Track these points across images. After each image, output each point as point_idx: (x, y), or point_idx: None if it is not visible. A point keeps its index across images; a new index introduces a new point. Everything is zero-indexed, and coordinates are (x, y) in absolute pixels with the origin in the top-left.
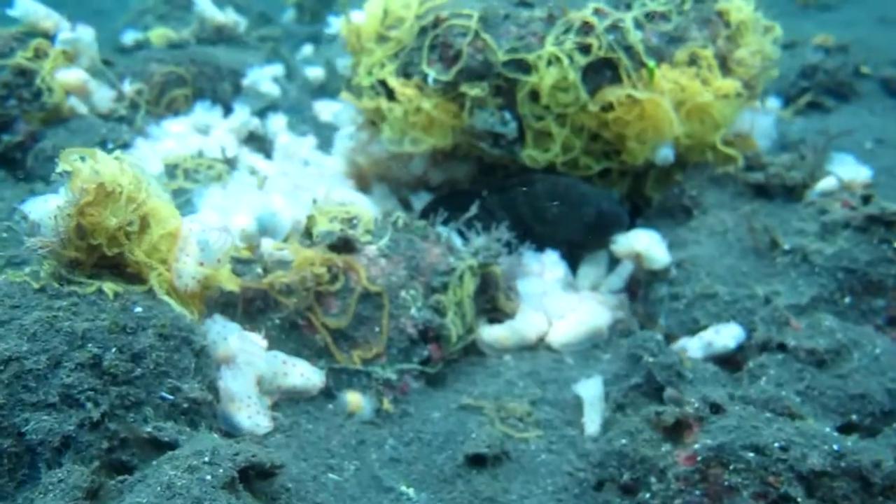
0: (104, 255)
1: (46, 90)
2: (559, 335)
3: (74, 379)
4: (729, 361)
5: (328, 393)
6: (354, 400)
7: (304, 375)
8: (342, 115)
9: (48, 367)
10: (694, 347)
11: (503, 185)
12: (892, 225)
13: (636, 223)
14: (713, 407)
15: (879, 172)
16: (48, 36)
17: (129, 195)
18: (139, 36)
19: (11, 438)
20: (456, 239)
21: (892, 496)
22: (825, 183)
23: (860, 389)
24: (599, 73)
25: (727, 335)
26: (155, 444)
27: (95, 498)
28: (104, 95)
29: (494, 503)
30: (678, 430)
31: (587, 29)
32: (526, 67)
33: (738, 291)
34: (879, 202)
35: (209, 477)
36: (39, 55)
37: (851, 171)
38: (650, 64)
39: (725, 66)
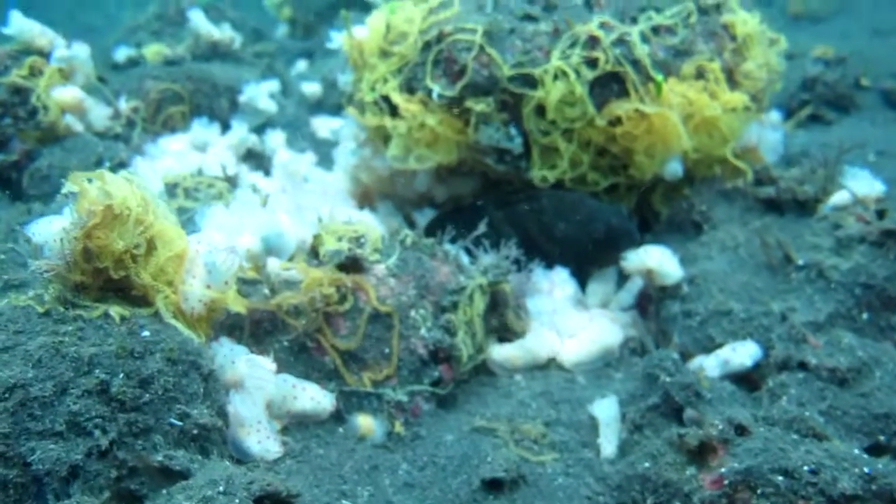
0: (110, 277)
1: (42, 108)
2: (571, 354)
3: (81, 406)
4: (745, 380)
5: (338, 416)
6: (365, 423)
7: (314, 399)
8: (344, 130)
9: (54, 394)
10: (710, 366)
11: (508, 199)
12: None
13: (644, 239)
14: (738, 428)
15: (884, 184)
16: (43, 53)
17: (136, 217)
18: (132, 52)
19: (17, 468)
20: (463, 256)
21: None
22: (838, 197)
23: (884, 409)
24: (606, 87)
25: (744, 353)
26: (166, 472)
27: None
28: (100, 113)
29: None
30: (702, 452)
31: (593, 43)
32: (532, 82)
33: (753, 308)
34: (895, 217)
35: None
36: (34, 73)
37: (865, 185)
38: (658, 78)
39: (732, 79)
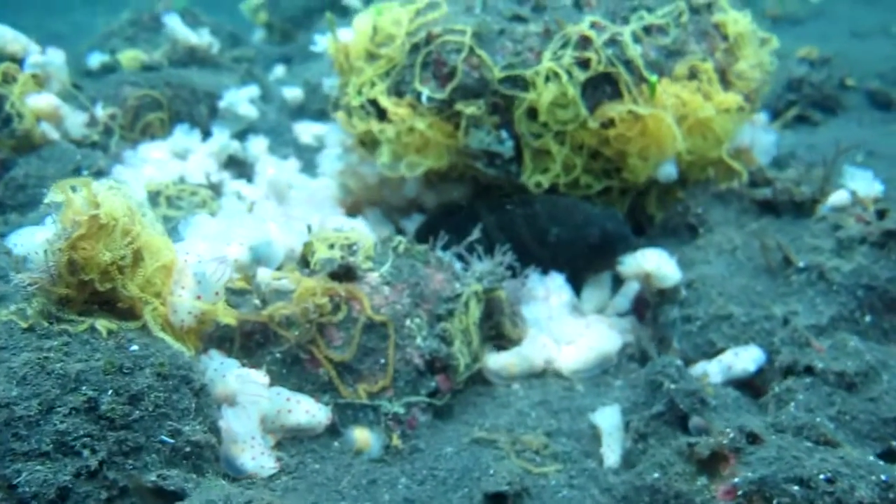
0: (96, 290)
1: (16, 116)
2: (569, 361)
3: (69, 425)
4: (747, 385)
5: (333, 430)
6: (362, 437)
7: (309, 412)
8: (330, 136)
9: (40, 412)
10: (713, 371)
11: (500, 203)
12: None
13: (639, 243)
14: (750, 437)
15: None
16: (16, 60)
17: (123, 227)
18: (106, 59)
19: (2, 492)
20: (455, 263)
21: None
22: (837, 197)
23: (894, 413)
24: (599, 88)
25: (746, 358)
26: (160, 493)
27: None
28: (76, 121)
29: None
30: (713, 462)
31: (585, 43)
32: (523, 84)
33: (754, 312)
34: None
35: None
36: (8, 80)
37: (864, 185)
38: (652, 79)
39: (725, 79)
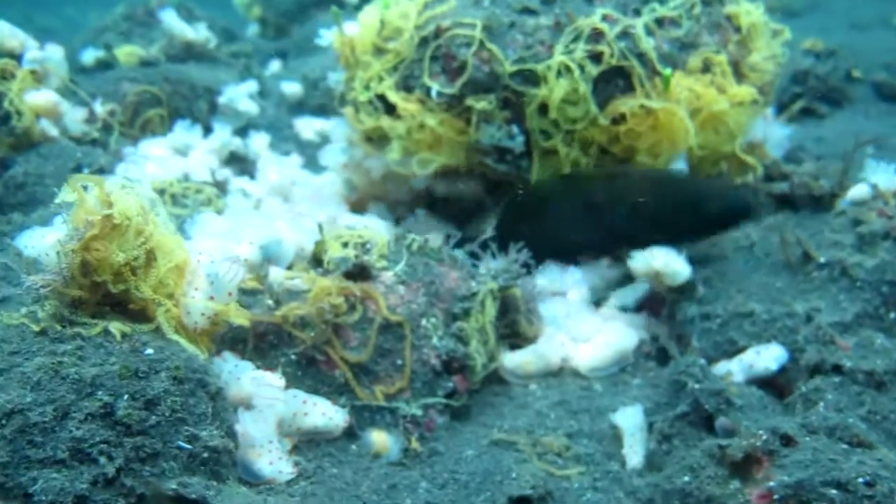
0: (108, 292)
1: (15, 113)
2: (586, 359)
3: (85, 431)
4: (769, 384)
5: (350, 432)
6: (380, 439)
7: (325, 415)
8: (336, 131)
9: (55, 419)
10: (735, 370)
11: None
12: None
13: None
14: (784, 439)
15: None
16: (14, 56)
17: (136, 227)
18: (100, 54)
19: (18, 500)
20: (466, 261)
21: None
22: (857, 191)
23: None
24: (611, 83)
25: (768, 356)
26: (179, 501)
27: None
28: (75, 118)
29: None
30: (746, 465)
31: (597, 36)
32: (534, 79)
33: (775, 309)
34: None
35: None
36: (6, 76)
37: (886, 178)
38: (666, 72)
39: (738, 71)
